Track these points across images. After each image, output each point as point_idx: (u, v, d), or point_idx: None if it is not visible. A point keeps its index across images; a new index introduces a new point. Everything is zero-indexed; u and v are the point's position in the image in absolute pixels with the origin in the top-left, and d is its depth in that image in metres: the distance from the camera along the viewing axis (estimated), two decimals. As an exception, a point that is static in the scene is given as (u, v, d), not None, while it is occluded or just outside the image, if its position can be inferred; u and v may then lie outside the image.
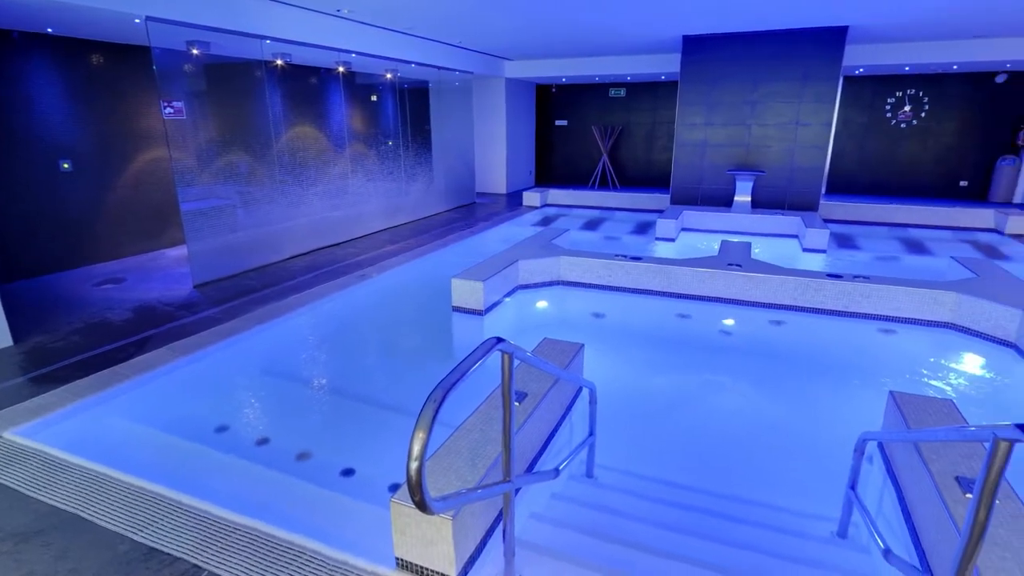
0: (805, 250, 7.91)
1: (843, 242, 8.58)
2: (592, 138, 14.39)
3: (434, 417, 1.42)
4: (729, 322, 5.52)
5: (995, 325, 4.54)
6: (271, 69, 6.87)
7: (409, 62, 9.04)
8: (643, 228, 9.78)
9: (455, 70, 10.46)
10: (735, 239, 7.31)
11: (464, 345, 5.00)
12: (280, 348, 4.78)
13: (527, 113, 14.13)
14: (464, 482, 2.05)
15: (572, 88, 14.39)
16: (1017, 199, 11.33)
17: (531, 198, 11.40)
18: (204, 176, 6.16)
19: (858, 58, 9.93)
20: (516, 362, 1.92)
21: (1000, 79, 11.16)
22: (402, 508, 1.97)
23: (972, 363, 4.62)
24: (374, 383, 4.38)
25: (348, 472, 3.12)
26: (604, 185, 14.22)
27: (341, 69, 8.11)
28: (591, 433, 3.07)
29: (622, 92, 13.93)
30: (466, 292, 5.33)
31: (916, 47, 9.68)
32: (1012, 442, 1.32)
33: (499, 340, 1.73)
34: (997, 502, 1.82)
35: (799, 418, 4.00)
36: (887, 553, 2.06)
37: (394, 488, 2.72)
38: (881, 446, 2.87)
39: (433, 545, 1.96)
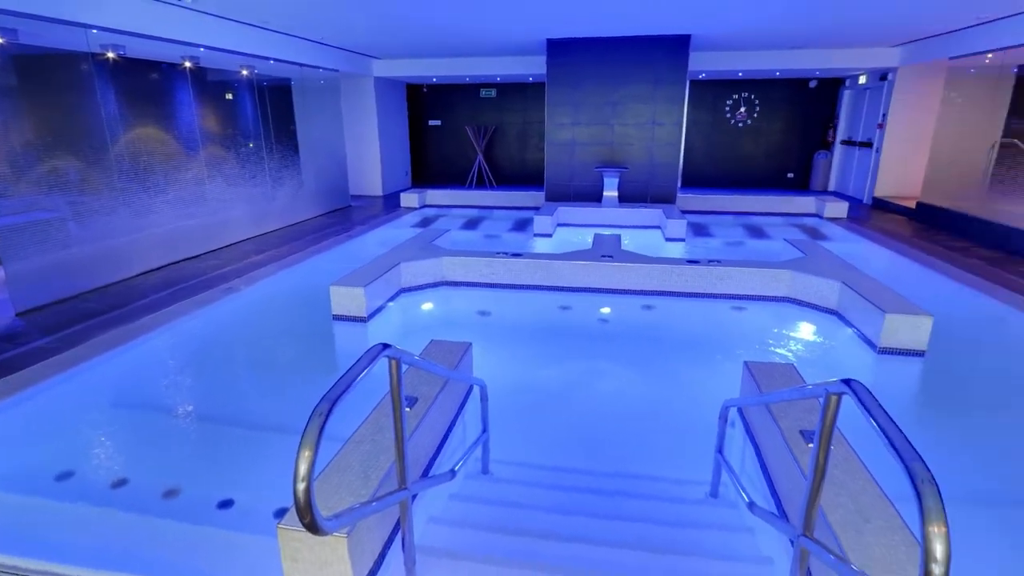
0: (667, 239, 8.61)
1: (698, 231, 9.46)
2: (467, 138, 14.50)
3: (320, 432, 1.35)
4: (606, 310, 5.87)
5: (822, 296, 5.28)
6: (101, 62, 6.06)
7: (266, 58, 8.47)
8: (521, 225, 10.05)
9: (319, 68, 9.98)
10: (607, 232, 7.77)
11: (348, 354, 4.80)
12: (134, 376, 4.26)
13: (399, 113, 13.88)
14: (357, 496, 1.98)
15: (444, 88, 14.38)
16: (831, 187, 13.26)
17: (409, 199, 11.23)
18: (21, 186, 5.29)
19: (701, 64, 11.01)
20: (404, 367, 1.88)
21: (812, 84, 12.98)
22: (291, 533, 1.85)
23: (806, 330, 5.34)
24: (251, 404, 4.06)
25: (226, 504, 2.87)
26: (481, 184, 14.40)
27: (188, 64, 7.38)
28: (484, 430, 3.10)
29: (493, 93, 14.19)
30: (347, 299, 5.12)
31: (746, 55, 10.94)
32: (840, 395, 1.54)
33: (385, 346, 1.69)
34: (832, 448, 2.12)
35: (672, 393, 4.36)
36: (751, 505, 2.31)
37: (280, 513, 2.55)
38: (740, 411, 3.22)
39: (328, 566, 1.86)
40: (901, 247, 7.59)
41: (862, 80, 11.96)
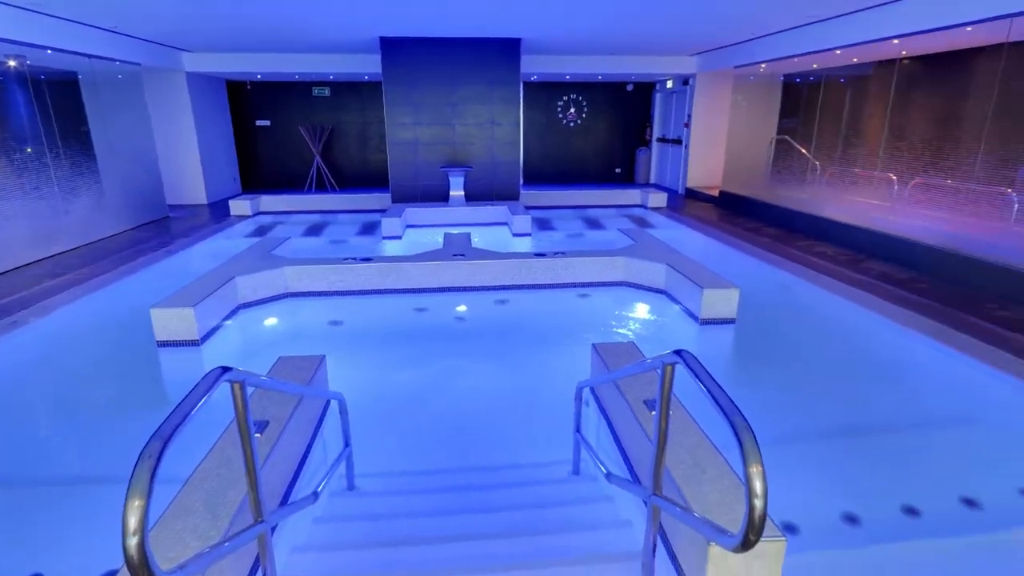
0: (515, 235, 8.95)
1: (543, 225, 9.96)
2: (302, 139, 13.65)
3: (152, 476, 1.19)
4: (462, 308, 5.93)
5: (651, 279, 5.87)
6: None
7: (41, 47, 7.16)
8: (369, 228, 9.74)
9: (114, 60, 8.68)
10: (456, 231, 7.84)
11: (181, 383, 4.27)
12: None
13: (220, 112, 12.61)
14: (206, 540, 1.77)
15: (271, 86, 13.36)
16: (652, 180, 14.78)
17: (240, 206, 10.27)
18: None
19: (532, 67, 11.57)
20: (250, 390, 1.73)
21: (629, 87, 14.33)
22: (124, 597, 1.60)
23: (642, 310, 5.90)
24: (59, 456, 3.43)
25: (32, 580, 2.40)
26: (322, 188, 13.67)
27: (-73, 51, 5.96)
28: (347, 445, 2.97)
29: (326, 91, 13.52)
30: (174, 322, 4.55)
31: (573, 60, 11.73)
32: (673, 365, 1.73)
33: (225, 369, 1.53)
34: (672, 412, 2.37)
35: (530, 381, 4.54)
36: (609, 476, 2.50)
37: (108, 577, 2.20)
38: (593, 390, 3.46)
39: (176, 625, 1.64)
40: (710, 230, 8.72)
41: (669, 84, 13.49)
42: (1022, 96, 6.22)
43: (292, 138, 13.70)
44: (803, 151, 9.66)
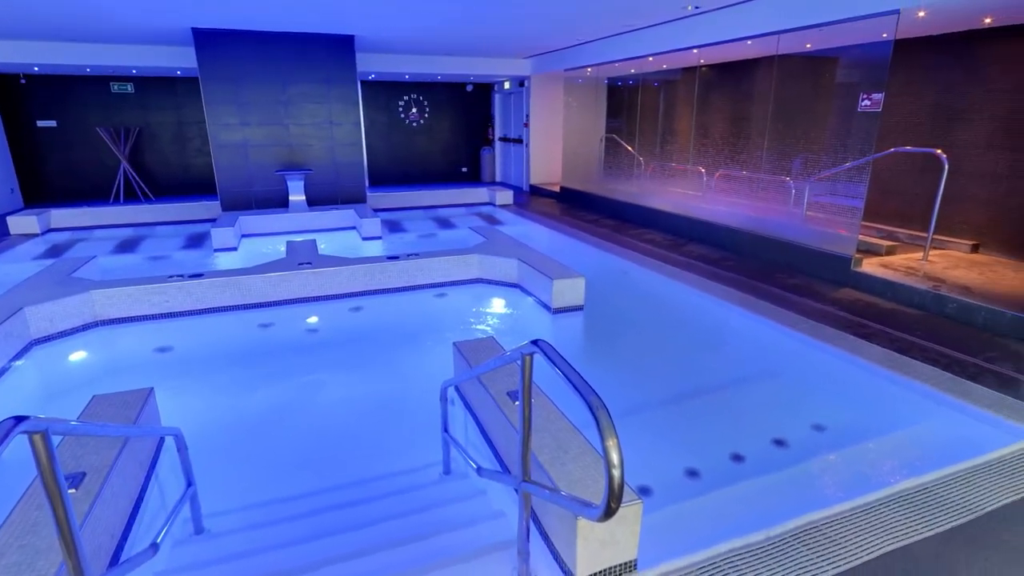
0: (364, 239, 8.65)
1: (393, 227, 9.76)
2: (102, 142, 11.80)
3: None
4: (313, 320, 5.60)
5: (505, 274, 6.06)
6: None
7: None
8: (196, 241, 8.76)
9: None
10: (300, 238, 7.37)
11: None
12: None
13: (-15, 111, 10.43)
14: (11, 626, 1.48)
15: (55, 80, 11.36)
16: (498, 178, 15.23)
17: (23, 224, 8.61)
18: None
19: (369, 65, 11.24)
20: (57, 439, 1.46)
21: (469, 88, 14.59)
22: None
23: (498, 305, 6.07)
24: None
25: None
26: (133, 197, 11.97)
27: None
28: (189, 484, 2.65)
29: (129, 87, 11.85)
30: (-62, 370, 3.68)
31: (411, 59, 11.61)
32: (532, 355, 1.81)
33: (20, 419, 1.28)
34: (534, 400, 2.48)
35: (395, 387, 4.44)
36: (479, 470, 2.55)
37: None
38: (457, 388, 3.49)
39: None
40: (555, 224, 9.23)
41: (507, 86, 13.99)
42: (791, 100, 7.46)
43: (89, 141, 11.79)
44: (629, 148, 10.64)
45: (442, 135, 14.71)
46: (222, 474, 3.14)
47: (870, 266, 5.64)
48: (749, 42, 6.97)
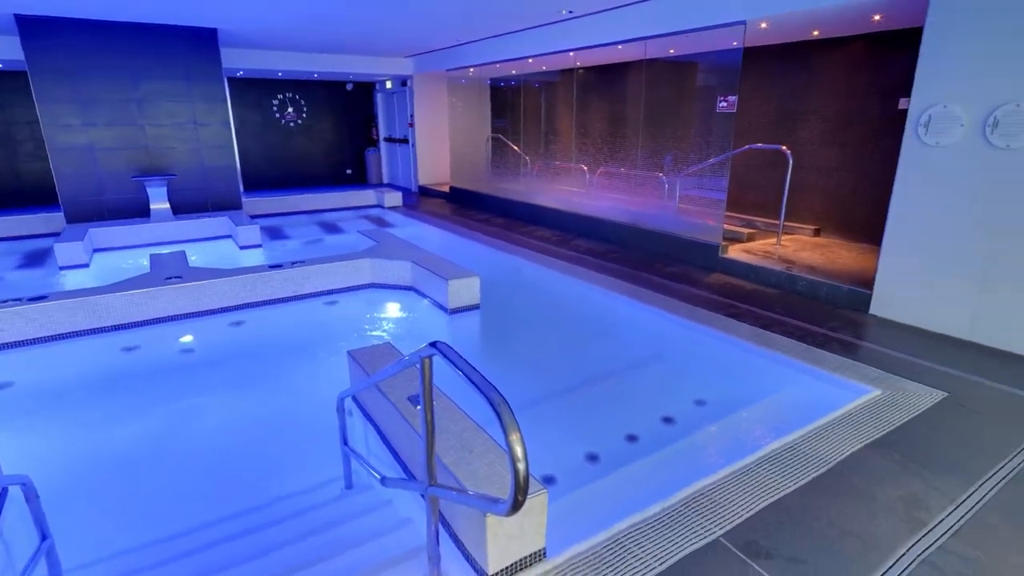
0: (242, 248, 8.06)
1: (274, 234, 9.18)
2: (-101, 147, 9.90)
3: None
4: (187, 339, 5.12)
5: (399, 277, 5.94)
6: None
7: None
8: (36, 259, 7.66)
9: None
10: (166, 250, 6.70)
11: None
12: None
13: None
14: None
15: None
16: (385, 180, 14.88)
17: None
18: None
19: (237, 61, 10.45)
20: None
21: (349, 87, 14.08)
22: None
23: (393, 309, 5.94)
24: None
25: None
26: (-52, 211, 10.18)
27: None
28: (44, 537, 2.32)
29: (-65, 82, 10.05)
30: None
31: (283, 55, 10.97)
32: (431, 357, 1.79)
33: None
34: (436, 403, 2.45)
35: (288, 403, 4.19)
36: (383, 480, 2.48)
37: None
38: (355, 398, 3.36)
39: None
40: (446, 224, 9.20)
41: (389, 85, 13.69)
42: (660, 101, 8.02)
43: None
44: (515, 148, 10.86)
45: (323, 135, 14.08)
46: (87, 520, 2.78)
47: (735, 252, 6.24)
48: (620, 46, 7.39)
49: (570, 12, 7.13)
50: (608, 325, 5.36)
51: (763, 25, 5.78)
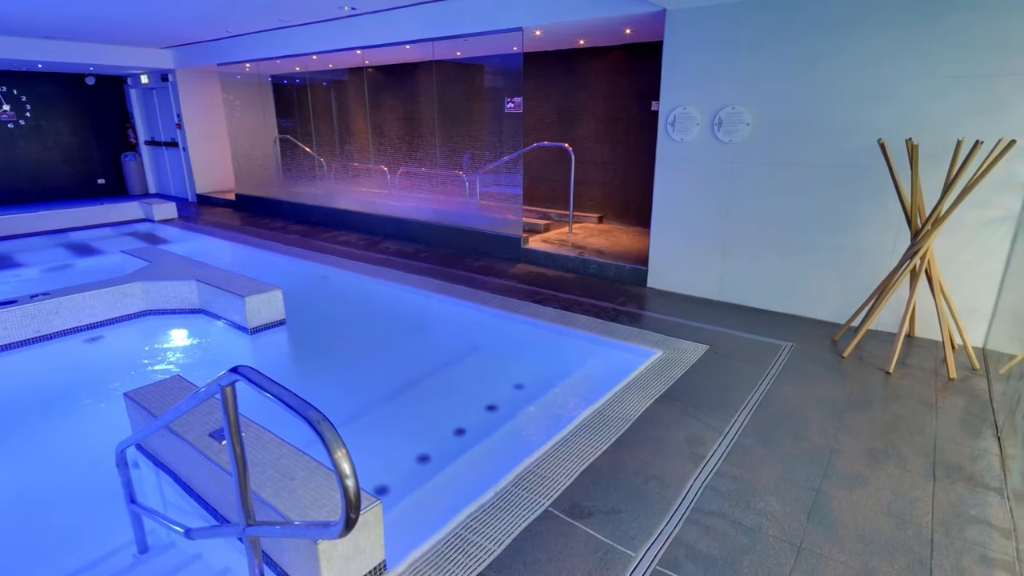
0: (-48, 284, 6.30)
1: (2, 263, 7.35)
2: None
3: None
4: None
5: (182, 299, 5.20)
6: None
7: None
8: None
9: None
10: None
11: None
12: None
13: None
14: None
15: None
16: (152, 189, 12.86)
17: None
18: None
19: (-89, 44, 8.06)
20: None
21: (90, 81, 11.81)
22: None
23: (180, 336, 5.18)
24: None
25: None
26: None
27: None
28: None
29: None
30: None
31: (-14, 40, 8.76)
32: (232, 384, 1.61)
33: None
34: (244, 434, 2.21)
35: (44, 472, 3.40)
36: (188, 532, 2.17)
37: None
38: (140, 447, 2.87)
39: None
40: (236, 236, 8.31)
41: (145, 80, 11.81)
42: (453, 102, 8.24)
43: None
44: (307, 149, 10.23)
45: (61, 139, 11.60)
46: None
47: (535, 243, 6.72)
48: (408, 46, 7.40)
49: (353, 9, 6.92)
50: (424, 324, 5.38)
51: (537, 32, 6.29)
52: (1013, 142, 3.34)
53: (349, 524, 1.36)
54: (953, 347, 3.78)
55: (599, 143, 7.67)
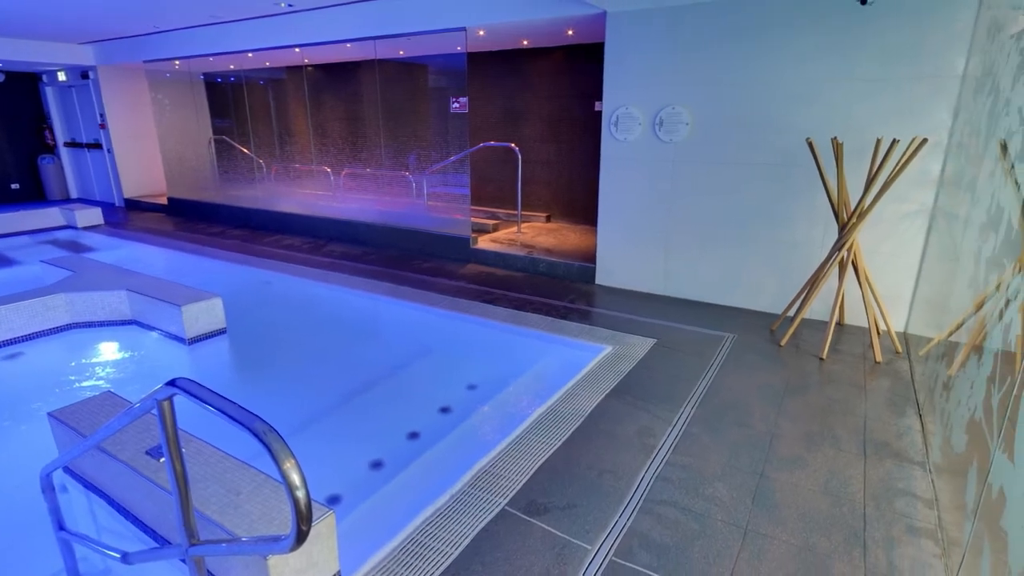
0: None
1: (-102, 277, 6.71)
2: None
3: None
4: None
5: (112, 310, 4.90)
6: None
7: None
8: None
9: None
10: None
11: None
12: None
13: None
14: None
15: None
16: (74, 194, 12.05)
17: None
18: None
19: None
20: None
21: (0, 79, 10.95)
22: None
23: (110, 350, 4.88)
24: None
25: None
26: None
27: None
28: None
29: None
30: None
31: None
32: (170, 398, 1.53)
33: None
34: (184, 449, 2.11)
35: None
36: (125, 557, 2.04)
37: None
38: (68, 470, 2.69)
39: None
40: (171, 242, 7.90)
41: (62, 77, 11.03)
42: (397, 102, 8.13)
43: None
44: (244, 150, 9.84)
45: (-35, 141, 10.71)
46: None
47: (484, 243, 6.72)
48: (348, 45, 7.24)
49: (290, 5, 6.71)
50: (374, 327, 5.28)
51: (481, 32, 6.28)
52: (925, 140, 3.60)
53: (301, 537, 1.32)
54: (878, 332, 4.04)
55: (545, 143, 7.75)
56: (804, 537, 2.25)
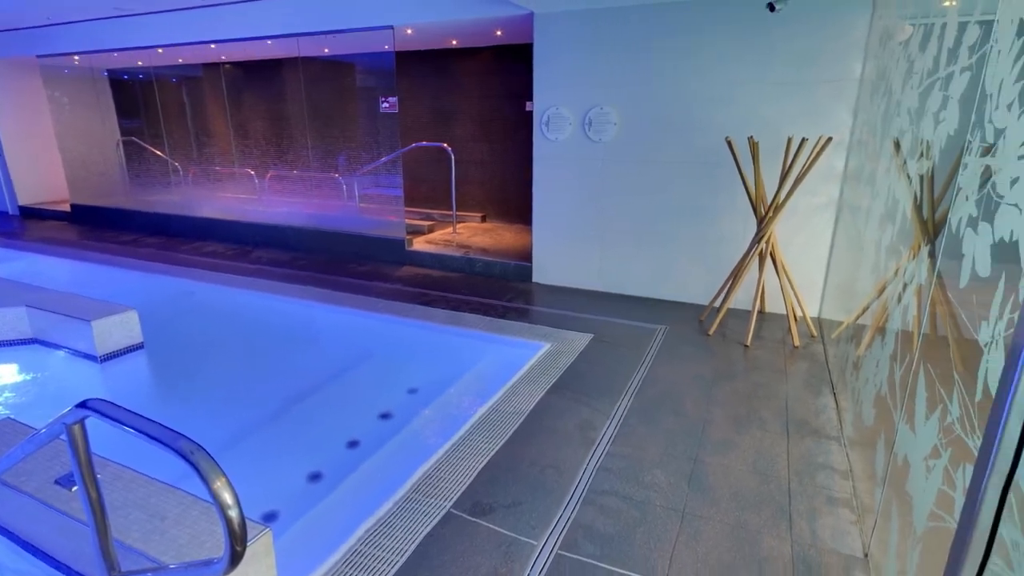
0: None
1: None
2: None
3: None
4: None
5: (10, 329, 4.48)
6: None
7: None
8: None
9: None
10: None
11: None
12: None
13: None
14: None
15: None
16: (-41, 202, 10.88)
17: None
18: None
19: None
20: None
21: None
22: None
23: (8, 372, 4.45)
24: None
25: None
26: None
27: None
28: None
29: None
30: None
31: None
32: (82, 421, 1.42)
33: None
34: (100, 475, 1.95)
35: None
36: (36, 597, 1.87)
37: None
38: (-37, 506, 2.43)
39: None
40: (76, 252, 7.30)
41: (-60, 72, 9.93)
42: (324, 101, 7.88)
43: None
44: (158, 152, 9.23)
45: None
46: None
47: (419, 244, 6.63)
48: (270, 42, 6.95)
49: (203, -1, 6.36)
50: (308, 335, 5.10)
51: (409, 31, 6.20)
52: (830, 139, 3.88)
53: (235, 558, 1.25)
54: (796, 319, 4.32)
55: (477, 143, 7.75)
56: (736, 515, 2.37)
